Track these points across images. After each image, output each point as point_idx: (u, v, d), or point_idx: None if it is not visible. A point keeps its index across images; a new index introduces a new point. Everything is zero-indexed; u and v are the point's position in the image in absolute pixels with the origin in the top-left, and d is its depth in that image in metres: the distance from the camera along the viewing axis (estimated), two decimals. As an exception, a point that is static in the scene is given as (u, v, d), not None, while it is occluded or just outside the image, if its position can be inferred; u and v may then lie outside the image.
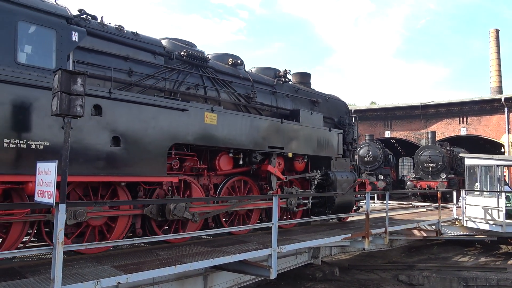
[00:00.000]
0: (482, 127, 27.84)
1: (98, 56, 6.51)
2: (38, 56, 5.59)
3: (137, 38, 7.26)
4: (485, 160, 14.09)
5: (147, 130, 6.47)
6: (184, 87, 7.79)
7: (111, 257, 5.79)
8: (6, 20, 5.28)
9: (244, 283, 7.94)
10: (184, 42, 8.45)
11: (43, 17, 5.65)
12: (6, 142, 5.06)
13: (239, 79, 9.03)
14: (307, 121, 9.74)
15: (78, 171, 5.64)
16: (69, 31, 5.85)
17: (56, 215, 4.05)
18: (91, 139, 5.80)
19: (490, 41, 42.16)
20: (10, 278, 4.56)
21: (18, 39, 5.41)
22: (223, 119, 7.70)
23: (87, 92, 5.45)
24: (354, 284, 10.74)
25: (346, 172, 10.88)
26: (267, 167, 8.78)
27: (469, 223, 12.82)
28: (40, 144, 5.38)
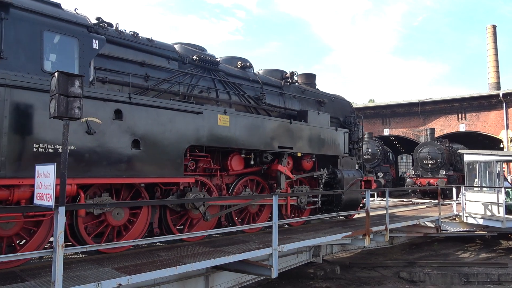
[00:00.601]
0: (480, 123, 27.90)
1: (116, 62, 6.85)
2: (62, 64, 5.87)
3: (152, 44, 7.60)
4: (484, 156, 14.13)
5: (165, 133, 6.78)
6: (197, 90, 8.14)
7: (111, 259, 5.82)
8: (32, 30, 5.60)
9: (246, 283, 7.95)
10: (196, 46, 8.81)
11: (66, 27, 5.97)
12: (35, 147, 5.37)
13: (249, 82, 9.39)
14: (314, 121, 10.06)
15: (103, 174, 5.97)
16: (90, 39, 6.18)
17: (55, 218, 4.04)
18: (113, 142, 6.11)
19: (487, 37, 42.22)
20: (10, 281, 4.57)
21: (44, 48, 5.70)
22: (235, 121, 8.02)
23: (109, 97, 6.04)
24: (355, 282, 10.77)
25: (353, 170, 11.19)
26: (277, 167, 9.08)
27: (469, 219, 12.86)
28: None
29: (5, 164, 5.09)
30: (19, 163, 5.22)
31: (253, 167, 8.86)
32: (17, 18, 5.50)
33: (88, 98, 5.80)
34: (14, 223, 5.42)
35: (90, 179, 5.88)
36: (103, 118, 6.00)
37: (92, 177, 5.86)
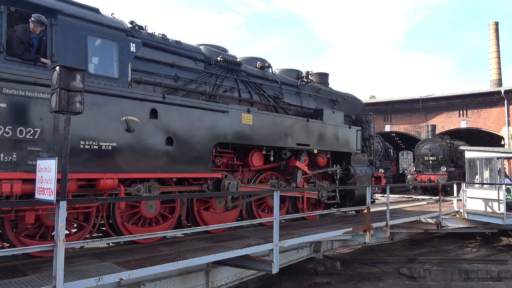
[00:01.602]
0: (482, 120, 27.90)
1: (149, 64, 7.36)
2: (103, 67, 6.36)
3: (180, 46, 8.13)
4: (485, 153, 14.11)
5: (195, 130, 7.31)
6: (222, 90, 8.67)
7: (113, 253, 5.93)
8: (77, 35, 6.08)
9: (246, 278, 8.05)
10: (219, 47, 9.33)
11: (107, 31, 6.44)
12: (82, 144, 5.88)
13: (268, 81, 9.94)
14: (330, 119, 10.61)
15: (140, 169, 6.52)
16: (128, 43, 6.65)
17: (56, 213, 4.04)
18: (149, 140, 6.64)
19: (489, 34, 42.03)
20: (12, 275, 4.61)
21: (88, 52, 6.16)
22: (257, 119, 8.55)
23: (145, 97, 6.58)
24: (356, 277, 10.83)
25: (365, 166, 11.79)
26: (295, 163, 9.67)
27: (469, 216, 12.92)
28: (109, 145, 6.18)
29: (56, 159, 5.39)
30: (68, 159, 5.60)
31: (272, 163, 9.40)
32: (64, 24, 5.97)
33: (127, 98, 6.35)
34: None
35: (129, 174, 6.43)
36: (140, 117, 6.52)
37: (131, 172, 6.42)
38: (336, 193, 10.77)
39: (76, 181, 5.80)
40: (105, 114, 6.10)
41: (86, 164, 5.88)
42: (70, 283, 4.29)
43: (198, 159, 7.30)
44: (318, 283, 10.35)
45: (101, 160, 6.02)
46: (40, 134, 5.49)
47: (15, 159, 5.28)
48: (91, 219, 6.27)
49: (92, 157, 5.92)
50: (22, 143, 5.37)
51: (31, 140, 5.44)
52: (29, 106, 5.41)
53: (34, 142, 5.45)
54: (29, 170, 5.29)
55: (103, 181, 6.01)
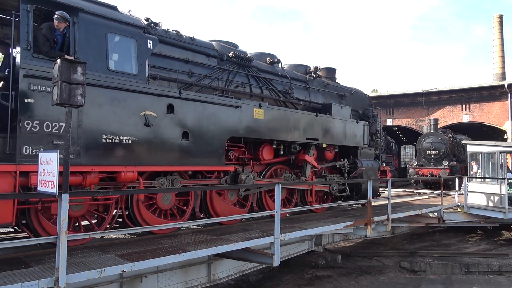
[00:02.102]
0: (485, 113, 27.84)
1: (165, 60, 7.60)
2: (123, 63, 6.59)
3: (194, 42, 8.36)
4: (487, 147, 14.08)
5: (209, 125, 7.58)
6: (233, 85, 8.92)
7: (115, 245, 6.02)
8: (98, 32, 6.31)
9: (248, 271, 8.14)
10: (230, 43, 9.58)
11: (125, 28, 6.69)
12: (104, 138, 6.15)
13: (278, 77, 10.20)
14: (338, 114, 10.88)
15: (158, 162, 6.80)
16: (145, 40, 6.89)
17: (59, 205, 4.06)
18: (167, 134, 6.90)
19: (493, 27, 41.67)
20: (15, 267, 4.67)
21: (108, 49, 6.39)
22: (268, 114, 8.81)
23: (163, 93, 6.84)
24: (356, 271, 10.91)
25: (371, 160, 12.10)
26: (304, 157, 9.95)
27: (471, 210, 12.97)
28: (128, 139, 6.45)
29: (80, 153, 5.91)
30: (91, 152, 6.03)
31: (281, 157, 9.67)
32: (86, 22, 6.21)
33: (145, 94, 6.63)
34: (82, 205, 6.23)
35: (148, 167, 6.73)
36: (158, 112, 6.79)
37: (149, 165, 6.71)
38: (346, 186, 11.07)
39: (98, 174, 6.12)
40: (125, 109, 6.38)
41: (108, 157, 6.17)
42: (72, 275, 4.36)
43: (212, 153, 7.59)
44: (319, 276, 10.44)
45: (121, 154, 6.32)
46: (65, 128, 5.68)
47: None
48: (110, 211, 6.56)
49: (113, 150, 6.22)
50: (48, 137, 5.65)
51: (56, 134, 5.71)
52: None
53: (59, 136, 5.72)
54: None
55: (123, 174, 6.30)
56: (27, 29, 5.65)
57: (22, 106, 5.42)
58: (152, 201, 7.14)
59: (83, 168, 5.91)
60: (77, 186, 6.00)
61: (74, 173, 5.82)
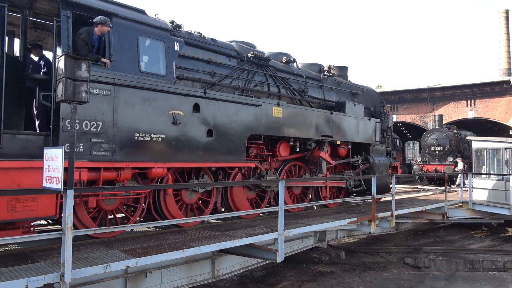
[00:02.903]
0: (490, 109, 27.76)
1: (189, 61, 8.04)
2: (152, 65, 7.02)
3: (216, 43, 8.82)
4: (493, 143, 14.03)
5: (232, 123, 8.03)
6: (252, 84, 9.38)
7: (120, 241, 6.12)
8: (130, 36, 6.77)
9: (251, 266, 8.21)
10: (248, 44, 10.06)
11: (155, 32, 7.13)
12: (136, 136, 6.60)
13: (294, 76, 10.66)
14: (351, 112, 11.35)
15: (185, 158, 7.24)
16: (172, 42, 7.32)
17: (64, 201, 4.09)
18: (193, 132, 7.36)
19: (499, 22, 41.28)
20: (21, 262, 4.75)
21: (139, 51, 6.83)
22: (286, 112, 9.25)
23: (189, 93, 7.31)
24: (360, 267, 10.96)
25: (383, 157, 12.50)
26: (319, 153, 10.39)
27: (475, 206, 12.94)
28: (158, 137, 6.87)
29: (115, 150, 6.34)
30: (125, 149, 6.48)
31: (297, 153, 10.10)
32: (119, 26, 6.65)
33: (173, 94, 7.08)
34: (115, 199, 6.69)
35: (176, 163, 7.18)
36: (185, 111, 7.24)
37: (178, 161, 7.16)
38: (361, 181, 11.55)
39: (131, 170, 6.60)
40: (155, 108, 6.83)
41: (140, 154, 6.64)
42: (78, 270, 4.43)
43: (235, 150, 8.05)
44: (323, 272, 10.49)
45: (152, 151, 6.77)
46: (101, 127, 6.21)
47: (82, 149, 6.02)
48: (140, 204, 7.02)
49: (144, 148, 6.69)
50: (87, 135, 6.09)
51: (94, 133, 6.15)
52: (92, 101, 5.98)
53: (97, 134, 6.17)
54: (94, 159, 6.11)
55: (154, 170, 6.78)
56: (67, 33, 6.09)
57: (64, 107, 5.80)
58: (178, 198, 7.59)
59: (118, 164, 6.38)
60: (112, 181, 6.50)
61: (109, 169, 6.33)
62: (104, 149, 6.17)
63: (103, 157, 6.18)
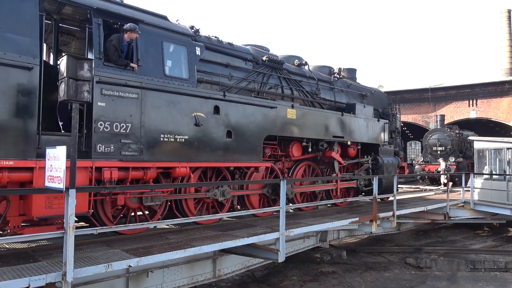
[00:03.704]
0: (492, 109, 27.80)
1: (208, 65, 8.45)
2: (176, 69, 7.43)
3: (233, 47, 9.24)
4: (495, 143, 14.04)
5: (249, 124, 8.45)
6: (267, 87, 9.80)
7: (121, 241, 6.19)
8: (155, 41, 7.17)
9: (253, 266, 8.26)
10: (262, 47, 10.43)
11: (177, 37, 7.53)
12: (162, 137, 6.99)
13: (306, 78, 11.10)
14: (361, 113, 11.78)
15: (206, 158, 7.64)
16: (194, 47, 7.75)
17: (66, 201, 4.10)
18: (213, 133, 7.77)
19: (501, 22, 41.18)
20: (24, 261, 4.76)
21: (164, 56, 7.21)
22: (300, 113, 9.66)
23: (210, 95, 7.72)
24: (362, 267, 10.99)
25: (391, 157, 12.95)
26: (331, 153, 10.78)
27: (477, 207, 12.95)
28: (182, 138, 7.25)
29: (142, 150, 6.75)
30: (151, 150, 6.88)
31: (309, 153, 10.48)
32: (145, 32, 7.05)
33: (195, 97, 7.50)
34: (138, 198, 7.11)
35: (198, 163, 7.60)
36: (206, 113, 7.65)
37: (199, 161, 7.58)
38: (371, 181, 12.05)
39: (156, 169, 6.99)
40: (179, 110, 7.26)
41: (165, 154, 7.05)
42: (80, 269, 4.48)
43: (252, 150, 8.46)
44: (324, 272, 10.53)
45: (176, 151, 7.18)
46: (130, 128, 6.63)
47: (113, 150, 6.42)
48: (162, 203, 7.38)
49: (169, 148, 7.10)
50: (117, 136, 6.49)
51: (124, 134, 6.56)
52: (121, 104, 6.53)
53: (126, 135, 6.58)
54: (123, 159, 6.54)
55: (178, 169, 7.18)
56: (99, 40, 6.51)
57: (96, 109, 6.25)
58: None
59: (145, 164, 6.81)
60: (139, 180, 6.94)
61: (137, 169, 6.76)
62: (133, 149, 6.60)
63: (132, 157, 6.62)
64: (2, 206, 5.45)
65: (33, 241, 5.83)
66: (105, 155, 6.26)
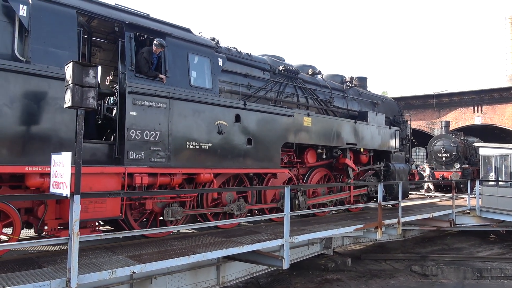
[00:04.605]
0: (497, 116, 27.75)
1: (229, 75, 8.89)
2: (200, 79, 7.83)
3: (251, 58, 9.70)
4: (500, 150, 13.94)
5: (268, 132, 8.88)
6: (283, 96, 10.22)
7: (125, 247, 6.21)
8: (181, 53, 7.62)
9: (257, 273, 8.26)
10: (278, 57, 10.88)
11: (201, 49, 7.98)
12: (187, 144, 7.42)
13: (320, 87, 11.55)
14: (373, 121, 12.20)
15: (228, 165, 8.05)
16: (216, 58, 8.17)
17: (70, 207, 4.11)
18: (235, 141, 8.21)
19: (506, 28, 41.10)
20: (28, 267, 4.78)
21: (190, 67, 7.65)
22: (315, 121, 10.08)
23: (232, 105, 8.13)
24: (367, 274, 10.93)
25: (403, 163, 13.32)
26: (344, 160, 11.15)
27: (483, 214, 12.80)
28: (206, 145, 7.68)
29: (170, 157, 7.15)
30: (178, 157, 7.30)
31: (323, 160, 10.89)
32: (172, 45, 7.51)
33: (218, 106, 7.92)
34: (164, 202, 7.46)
35: (221, 169, 8.02)
36: (228, 121, 8.08)
37: (222, 167, 8.00)
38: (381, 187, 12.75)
39: (181, 175, 7.40)
40: (203, 119, 7.71)
41: (190, 161, 7.48)
42: (84, 276, 4.50)
43: (271, 157, 8.90)
44: (329, 279, 10.49)
45: (200, 158, 7.62)
46: (159, 136, 7.07)
47: (143, 156, 6.85)
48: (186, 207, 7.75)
49: (194, 155, 7.53)
50: (147, 144, 6.93)
51: (153, 141, 6.98)
52: (151, 113, 6.99)
53: (155, 143, 7.01)
54: (153, 165, 6.98)
55: (202, 175, 7.61)
56: (130, 53, 6.97)
57: (128, 118, 6.69)
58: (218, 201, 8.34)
59: (172, 170, 7.25)
60: (166, 186, 7.37)
61: (164, 175, 7.19)
62: (161, 156, 7.02)
63: (160, 163, 7.06)
64: (41, 210, 5.84)
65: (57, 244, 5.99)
66: (136, 162, 6.72)
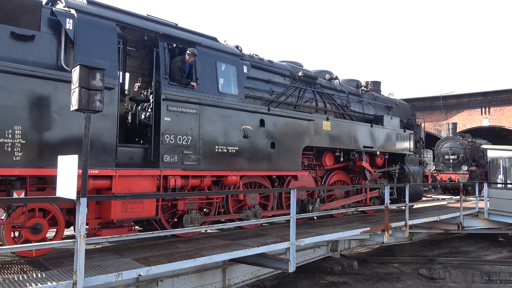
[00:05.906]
0: (505, 117, 27.66)
1: (252, 81, 9.39)
2: (227, 86, 8.33)
3: (273, 64, 10.18)
4: (509, 152, 13.77)
5: (290, 136, 9.35)
6: (303, 100, 10.70)
7: (131, 249, 6.29)
8: (210, 62, 8.13)
9: (263, 276, 8.30)
10: (297, 63, 11.29)
11: (228, 57, 8.50)
12: (216, 148, 7.92)
13: (337, 92, 12.02)
14: (389, 124, 12.68)
15: (253, 168, 8.52)
16: (242, 66, 8.71)
17: (77, 209, 4.13)
18: (259, 144, 8.71)
19: (514, 29, 40.74)
20: (35, 270, 4.74)
21: (218, 74, 8.14)
22: (334, 125, 10.56)
23: (257, 110, 8.59)
24: (373, 277, 10.91)
25: (417, 166, 13.73)
26: (361, 163, 11.60)
27: (491, 216, 12.75)
28: (233, 149, 8.14)
29: (200, 160, 7.62)
30: (207, 160, 7.79)
31: (340, 163, 11.39)
32: (202, 54, 8.01)
33: (244, 111, 8.42)
34: (194, 203, 7.91)
35: (246, 172, 8.52)
36: (253, 125, 8.58)
37: (248, 170, 8.48)
38: (394, 190, 12.68)
39: (211, 177, 7.93)
40: (231, 124, 8.24)
41: (219, 164, 7.99)
42: (90, 278, 4.55)
43: (293, 160, 9.35)
44: (335, 282, 10.47)
45: (228, 161, 8.11)
46: (191, 140, 7.58)
47: (176, 160, 7.34)
48: (212, 208, 8.31)
49: (222, 158, 8.03)
50: (180, 148, 7.44)
51: (185, 145, 7.49)
52: (183, 119, 7.52)
53: (187, 147, 7.53)
54: (185, 168, 7.51)
55: (230, 178, 8.10)
56: (164, 62, 7.50)
57: (163, 124, 7.21)
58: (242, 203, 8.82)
59: (202, 173, 7.76)
60: (196, 187, 7.88)
61: (195, 177, 7.70)
62: (192, 159, 7.52)
63: (192, 166, 7.60)
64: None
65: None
66: (170, 165, 7.24)
